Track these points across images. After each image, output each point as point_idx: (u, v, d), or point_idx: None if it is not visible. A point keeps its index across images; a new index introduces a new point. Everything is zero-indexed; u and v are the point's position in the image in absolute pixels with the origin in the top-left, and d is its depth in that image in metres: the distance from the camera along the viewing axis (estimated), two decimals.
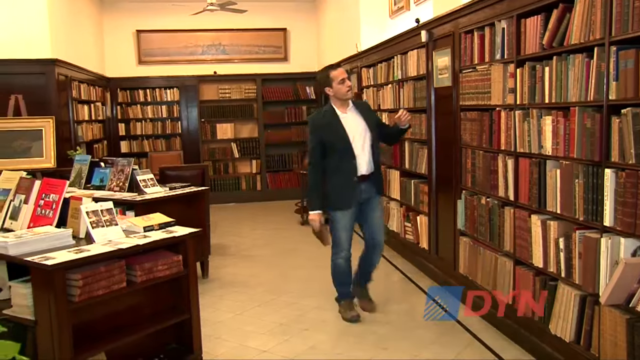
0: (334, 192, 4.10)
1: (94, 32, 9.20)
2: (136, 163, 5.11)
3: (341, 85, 4.06)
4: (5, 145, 5.80)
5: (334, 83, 4.07)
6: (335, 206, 4.14)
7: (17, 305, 2.69)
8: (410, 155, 5.62)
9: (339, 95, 4.08)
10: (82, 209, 2.89)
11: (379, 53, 6.54)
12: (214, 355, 3.64)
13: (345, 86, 4.07)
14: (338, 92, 4.08)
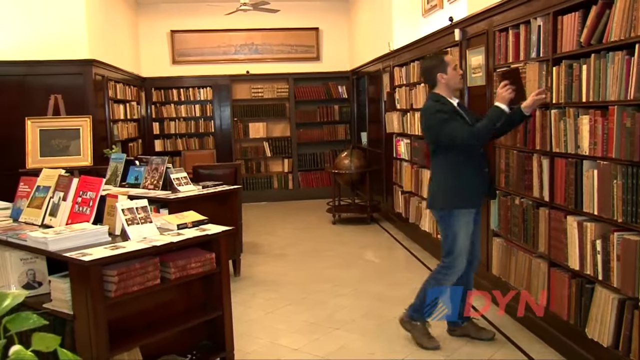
0: (465, 185, 3.55)
1: (130, 33, 9.36)
2: (170, 161, 5.17)
3: (456, 72, 3.64)
4: (45, 144, 5.94)
5: (449, 68, 3.61)
6: (464, 203, 3.55)
7: (56, 300, 2.75)
8: None
9: (453, 82, 3.64)
10: (117, 206, 2.94)
11: (412, 52, 6.49)
12: (245, 353, 3.67)
13: (459, 73, 3.68)
14: (453, 78, 3.62)
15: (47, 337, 1.07)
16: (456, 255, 3.59)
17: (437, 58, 3.71)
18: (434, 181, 3.69)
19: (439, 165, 3.64)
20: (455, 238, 3.57)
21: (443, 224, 3.63)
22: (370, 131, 9.08)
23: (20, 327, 1.08)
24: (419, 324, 3.72)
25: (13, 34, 6.79)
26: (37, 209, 3.33)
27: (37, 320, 1.10)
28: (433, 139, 3.62)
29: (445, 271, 3.64)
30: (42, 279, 3.00)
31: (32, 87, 6.86)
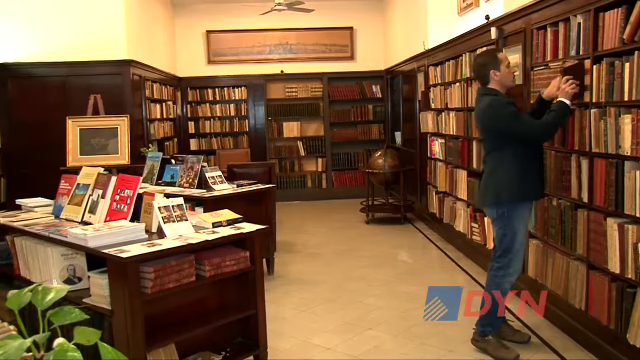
0: (530, 178, 3.50)
1: (166, 34, 9.51)
2: (205, 160, 5.23)
3: (509, 70, 3.58)
4: (85, 143, 6.08)
5: (502, 66, 3.53)
6: (529, 195, 3.55)
7: (95, 295, 2.81)
8: (479, 155, 5.50)
9: (506, 80, 3.57)
10: (154, 204, 2.99)
11: (447, 51, 6.43)
12: (278, 351, 3.69)
13: (512, 71, 3.63)
14: (506, 76, 3.55)
15: (88, 331, 1.10)
16: (514, 253, 3.53)
17: (491, 55, 3.64)
18: (494, 177, 3.56)
19: (503, 160, 3.51)
20: (515, 235, 3.50)
21: (502, 222, 3.52)
22: (404, 131, 9.03)
23: (63, 321, 1.11)
24: (492, 338, 3.56)
25: (56, 36, 6.98)
26: (77, 206, 3.41)
27: (79, 314, 1.13)
28: (502, 132, 3.49)
29: (503, 272, 3.55)
30: (81, 274, 3.07)
31: (73, 87, 7.03)
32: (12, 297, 1.15)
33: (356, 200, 8.87)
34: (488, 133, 3.61)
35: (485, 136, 3.65)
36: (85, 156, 6.02)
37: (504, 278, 3.55)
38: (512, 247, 3.51)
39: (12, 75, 7.02)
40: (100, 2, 6.99)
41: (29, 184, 6.59)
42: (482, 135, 3.72)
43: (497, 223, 3.57)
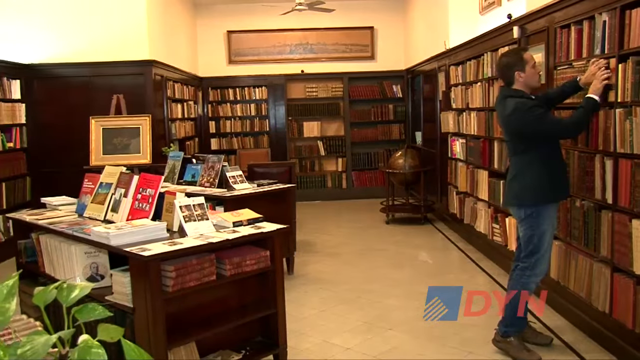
0: (557, 178, 3.47)
1: (188, 34, 9.58)
2: (225, 160, 5.26)
3: (534, 70, 3.51)
4: (107, 142, 6.15)
5: (528, 66, 3.47)
6: (557, 195, 3.53)
7: (118, 293, 2.85)
8: (500, 155, 5.45)
9: (531, 81, 3.51)
10: (176, 203, 3.02)
11: (468, 50, 6.38)
12: (298, 351, 3.69)
13: (537, 71, 3.57)
14: (531, 77, 3.49)
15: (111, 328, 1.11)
16: (541, 254, 3.48)
17: (516, 55, 3.56)
18: (520, 179, 3.51)
19: (528, 162, 3.47)
20: (542, 236, 3.45)
21: (530, 222, 3.47)
22: (424, 131, 8.99)
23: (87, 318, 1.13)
24: (514, 340, 3.51)
25: (80, 37, 7.08)
26: (100, 205, 3.46)
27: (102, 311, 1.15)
28: (528, 136, 3.45)
29: (530, 272, 3.49)
30: (104, 272, 3.11)
31: (97, 87, 7.13)
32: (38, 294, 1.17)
33: (376, 201, 8.85)
34: (513, 136, 3.56)
35: (511, 139, 3.60)
36: (107, 155, 6.10)
37: (530, 278, 3.51)
38: (539, 248, 3.47)
39: (38, 76, 7.15)
40: (123, 3, 7.08)
41: (54, 183, 6.69)
42: (507, 137, 3.66)
43: (524, 223, 3.52)
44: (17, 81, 6.89)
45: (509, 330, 3.54)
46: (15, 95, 6.87)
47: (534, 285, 3.56)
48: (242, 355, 3.11)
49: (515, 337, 3.53)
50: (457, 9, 7.12)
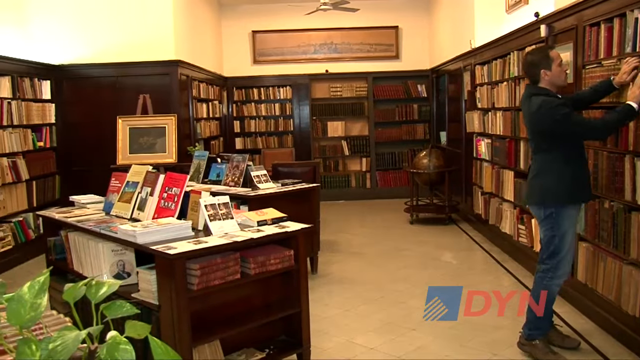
0: (580, 178, 3.42)
1: (213, 34, 9.66)
2: (250, 159, 5.28)
3: (561, 69, 3.45)
4: (134, 141, 6.23)
5: (554, 65, 3.41)
6: (580, 196, 3.46)
7: (144, 290, 2.88)
8: (526, 155, 5.39)
9: (557, 79, 3.45)
10: (201, 202, 3.04)
11: (494, 49, 6.32)
12: (321, 350, 3.70)
13: (564, 70, 3.50)
14: (557, 76, 3.44)
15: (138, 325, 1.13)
16: (562, 256, 3.43)
17: (542, 53, 3.50)
18: (542, 178, 3.46)
19: (551, 161, 3.43)
20: (564, 237, 3.41)
21: (550, 223, 3.43)
22: (449, 130, 8.92)
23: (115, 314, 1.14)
24: (539, 343, 3.48)
25: (108, 38, 7.19)
26: (127, 203, 3.50)
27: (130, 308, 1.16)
28: (553, 134, 3.38)
29: (552, 274, 3.45)
30: (130, 269, 3.15)
31: (124, 87, 7.23)
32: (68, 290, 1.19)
33: (400, 201, 8.82)
34: (537, 134, 3.52)
35: (534, 137, 3.56)
36: (134, 155, 6.17)
37: (552, 280, 3.46)
38: (560, 249, 3.42)
39: (67, 76, 7.28)
40: (150, 4, 7.16)
41: (82, 181, 6.81)
42: (531, 135, 3.62)
43: (544, 224, 3.48)
44: (48, 82, 7.03)
45: (534, 334, 3.50)
46: (46, 95, 7.01)
47: (557, 287, 3.51)
48: (265, 354, 3.12)
49: (541, 339, 3.49)
50: (483, 7, 7.06)
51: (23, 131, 6.42)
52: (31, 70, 6.71)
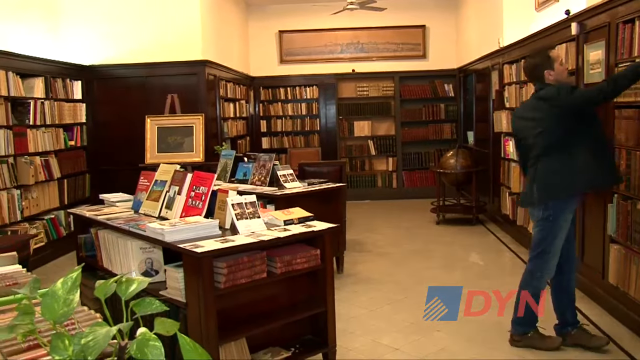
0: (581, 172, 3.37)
1: (240, 34, 9.72)
2: (276, 159, 5.30)
3: (563, 67, 3.53)
4: (162, 141, 6.30)
5: (556, 64, 3.48)
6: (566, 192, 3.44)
7: (171, 288, 2.92)
8: None
9: (561, 77, 3.50)
10: (228, 201, 3.07)
11: (523, 48, 6.23)
12: (347, 350, 3.70)
13: (565, 67, 3.59)
14: (561, 74, 3.49)
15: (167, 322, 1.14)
16: (552, 255, 3.50)
17: (542, 54, 3.55)
18: (547, 174, 3.45)
19: (557, 157, 3.42)
20: (555, 239, 3.47)
21: (546, 224, 3.48)
22: (477, 130, 8.83)
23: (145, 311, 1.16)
24: (533, 333, 3.61)
25: (137, 39, 7.29)
26: (155, 202, 3.55)
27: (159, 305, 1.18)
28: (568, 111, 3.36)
29: (540, 273, 3.54)
30: (158, 267, 3.19)
31: (152, 87, 7.33)
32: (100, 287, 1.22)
33: (427, 201, 8.76)
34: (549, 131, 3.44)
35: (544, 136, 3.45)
36: (162, 154, 6.24)
37: (542, 279, 3.55)
38: (550, 249, 3.49)
39: (97, 76, 7.40)
40: (178, 5, 7.24)
41: (111, 180, 6.92)
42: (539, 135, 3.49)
43: (539, 224, 3.52)
44: (79, 82, 7.16)
45: (527, 329, 3.61)
46: (77, 95, 7.14)
47: (544, 285, 3.59)
48: (291, 353, 3.13)
49: (532, 330, 3.60)
50: (512, 5, 6.97)
51: (55, 130, 6.55)
52: (63, 71, 6.84)
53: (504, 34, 7.00)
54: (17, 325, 1.13)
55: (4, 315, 1.56)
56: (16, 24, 6.21)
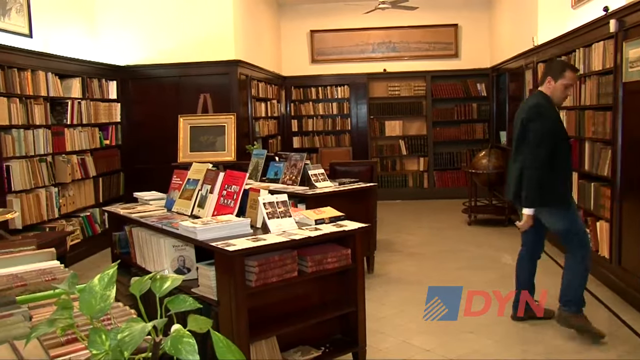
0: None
1: (272, 34, 9.77)
2: (307, 158, 5.31)
3: (564, 89, 3.79)
4: (194, 140, 6.37)
5: (561, 81, 3.75)
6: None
7: (203, 285, 2.95)
8: (591, 156, 5.20)
9: (555, 95, 3.80)
10: (260, 200, 3.09)
11: (558, 47, 6.12)
12: (377, 350, 3.69)
13: (566, 94, 3.85)
14: (556, 92, 3.79)
15: (200, 319, 1.16)
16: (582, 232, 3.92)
17: (561, 66, 3.85)
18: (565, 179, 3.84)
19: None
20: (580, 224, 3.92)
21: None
22: (509, 130, 8.70)
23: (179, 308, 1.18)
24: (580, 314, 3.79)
25: (170, 39, 7.39)
26: (188, 200, 3.59)
27: (192, 303, 1.20)
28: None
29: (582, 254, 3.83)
30: (190, 265, 3.23)
31: (185, 86, 7.42)
32: (135, 283, 1.24)
33: (458, 201, 8.68)
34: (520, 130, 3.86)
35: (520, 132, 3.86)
36: (194, 152, 6.31)
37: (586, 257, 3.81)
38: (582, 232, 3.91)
39: (132, 77, 7.53)
40: (211, 6, 7.31)
41: (145, 178, 7.04)
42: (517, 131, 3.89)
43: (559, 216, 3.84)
44: (114, 82, 7.30)
45: (578, 308, 3.77)
46: (112, 95, 7.28)
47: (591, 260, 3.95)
48: (321, 352, 3.14)
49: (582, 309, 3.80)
50: (547, 3, 6.85)
51: (91, 130, 6.69)
52: (99, 72, 6.98)
53: (539, 32, 6.89)
54: (57, 320, 1.16)
55: (44, 309, 1.61)
56: (56, 26, 6.35)
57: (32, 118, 5.59)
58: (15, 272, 1.91)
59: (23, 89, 5.50)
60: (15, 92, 5.36)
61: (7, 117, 5.22)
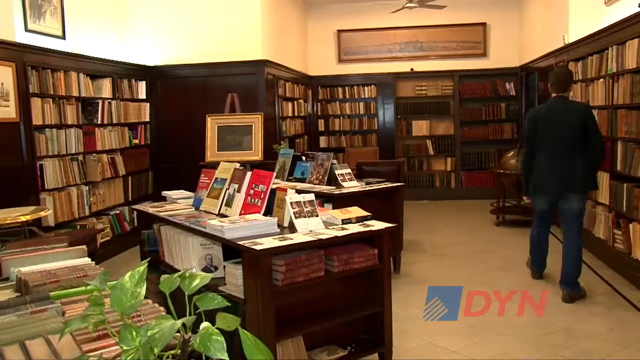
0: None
1: (299, 34, 9.79)
2: (334, 158, 5.31)
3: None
4: (222, 139, 6.42)
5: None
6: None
7: (230, 284, 2.97)
8: (624, 157, 5.10)
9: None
10: (287, 199, 3.10)
11: (590, 45, 6.02)
12: (403, 350, 3.67)
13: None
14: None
15: (228, 317, 1.17)
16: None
17: (570, 73, 4.80)
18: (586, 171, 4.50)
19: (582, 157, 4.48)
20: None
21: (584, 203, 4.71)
22: None
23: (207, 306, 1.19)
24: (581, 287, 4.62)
25: (198, 40, 7.46)
26: (215, 199, 3.62)
27: (221, 301, 1.21)
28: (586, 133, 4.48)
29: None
30: (217, 263, 3.26)
31: (213, 86, 7.48)
32: (164, 281, 1.26)
33: (486, 202, 8.59)
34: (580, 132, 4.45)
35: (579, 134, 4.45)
36: (222, 152, 6.35)
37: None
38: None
39: (161, 77, 7.62)
40: (239, 6, 7.36)
41: (173, 177, 7.12)
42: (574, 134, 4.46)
43: (583, 204, 4.66)
44: (143, 82, 7.40)
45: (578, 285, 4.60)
46: (142, 95, 7.38)
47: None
48: (347, 352, 3.14)
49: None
50: (579, 0, 6.74)
51: (121, 129, 6.79)
52: (129, 72, 7.08)
53: (570, 30, 6.78)
54: (89, 315, 1.19)
55: (76, 305, 1.64)
56: (87, 28, 6.47)
57: (64, 118, 5.70)
58: (48, 268, 1.96)
59: (56, 90, 5.61)
60: (48, 92, 5.48)
61: (41, 117, 5.34)
